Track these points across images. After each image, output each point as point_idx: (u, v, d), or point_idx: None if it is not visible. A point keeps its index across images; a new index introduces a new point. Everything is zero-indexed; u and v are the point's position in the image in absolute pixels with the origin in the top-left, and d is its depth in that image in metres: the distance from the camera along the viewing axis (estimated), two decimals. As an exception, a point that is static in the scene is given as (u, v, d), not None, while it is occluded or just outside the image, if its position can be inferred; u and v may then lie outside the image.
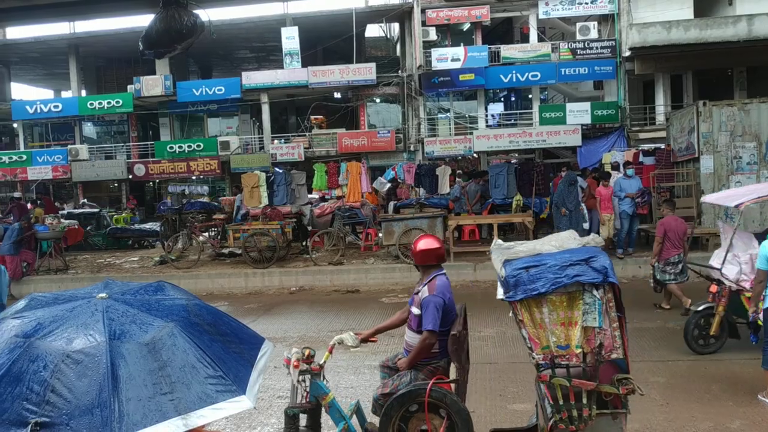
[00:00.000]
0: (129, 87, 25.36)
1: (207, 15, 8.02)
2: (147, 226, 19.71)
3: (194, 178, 26.00)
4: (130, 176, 25.49)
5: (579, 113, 22.41)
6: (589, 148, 21.72)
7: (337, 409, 4.27)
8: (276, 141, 25.19)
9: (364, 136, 24.16)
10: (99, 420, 2.14)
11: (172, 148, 25.39)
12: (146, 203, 27.43)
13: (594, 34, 22.56)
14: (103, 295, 2.63)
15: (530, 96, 25.15)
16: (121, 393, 2.20)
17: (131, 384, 2.24)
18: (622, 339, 3.80)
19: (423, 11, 23.13)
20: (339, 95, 26.43)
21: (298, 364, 4.18)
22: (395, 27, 28.63)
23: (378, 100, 26.45)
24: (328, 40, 25.00)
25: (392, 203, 16.61)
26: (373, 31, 30.03)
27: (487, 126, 24.41)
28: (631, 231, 13.08)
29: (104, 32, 26.17)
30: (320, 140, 24.68)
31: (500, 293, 3.96)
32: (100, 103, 25.55)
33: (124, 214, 21.64)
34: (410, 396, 4.10)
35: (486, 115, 24.75)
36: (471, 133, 23.29)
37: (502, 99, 27.64)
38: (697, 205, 13.12)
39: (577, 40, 22.62)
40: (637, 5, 21.81)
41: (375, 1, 26.01)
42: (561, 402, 3.84)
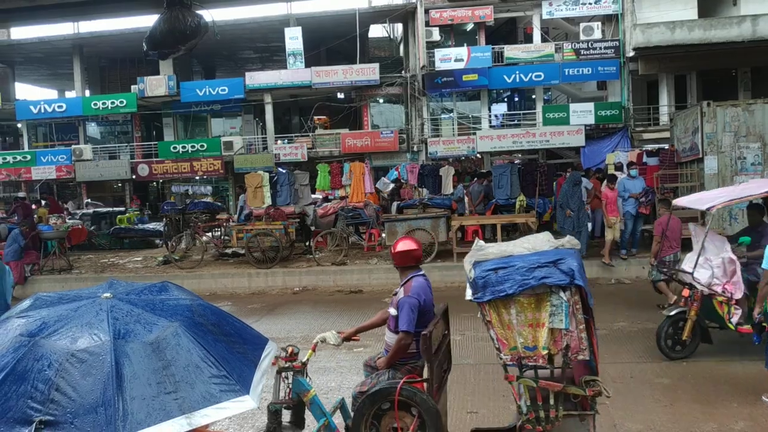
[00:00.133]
0: (133, 87, 25.37)
1: (211, 16, 8.01)
2: (150, 226, 19.73)
3: (198, 178, 26.02)
4: (134, 176, 25.53)
5: (582, 114, 22.36)
6: (593, 148, 21.64)
7: (318, 406, 4.38)
8: (279, 141, 25.21)
9: (367, 136, 24.16)
10: (103, 418, 2.15)
11: (175, 148, 25.42)
12: (150, 203, 27.46)
13: (598, 35, 22.51)
14: (108, 294, 2.64)
15: (533, 96, 25.09)
16: (125, 392, 2.21)
17: (135, 383, 2.25)
18: (590, 341, 3.81)
19: (426, 11, 23.11)
20: (342, 95, 26.42)
21: (275, 361, 4.31)
22: (398, 27, 28.60)
23: (381, 101, 26.43)
24: (331, 41, 24.99)
25: (395, 203, 16.61)
26: (376, 31, 30.03)
27: (491, 126, 24.37)
28: (634, 231, 13.06)
29: (108, 32, 26.24)
30: (323, 140, 24.69)
31: (468, 294, 3.98)
32: (104, 103, 25.58)
33: (131, 214, 21.65)
34: (381, 394, 4.15)
35: (489, 116, 24.71)
36: (474, 134, 23.26)
37: (506, 99, 27.60)
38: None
39: (580, 41, 22.57)
40: (641, 5, 21.75)
41: (378, 1, 26.04)
42: (528, 402, 3.88)
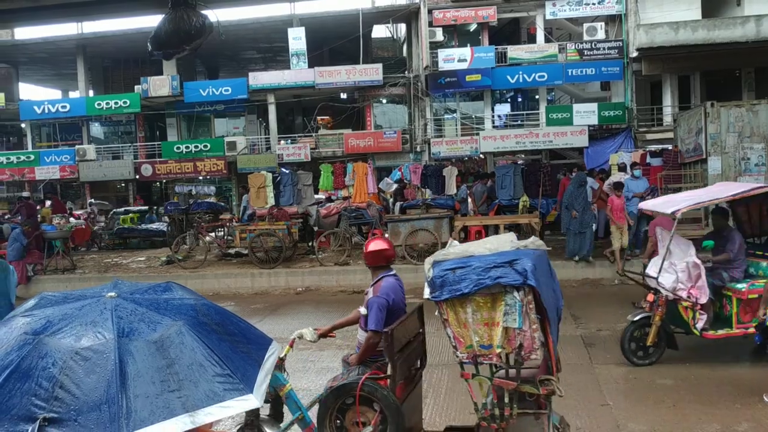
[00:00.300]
0: (136, 87, 25.42)
1: (216, 16, 8.03)
2: (154, 226, 19.78)
3: (201, 178, 26.06)
4: (137, 176, 25.58)
5: (586, 114, 22.33)
6: (596, 149, 21.62)
7: (294, 400, 4.51)
8: (282, 141, 25.23)
9: (370, 136, 24.16)
10: (107, 416, 2.15)
11: (179, 148, 25.46)
12: (153, 203, 27.50)
13: (601, 35, 22.49)
14: (112, 294, 2.65)
15: (537, 97, 25.09)
16: (128, 390, 2.21)
17: (139, 381, 2.25)
18: (546, 340, 3.85)
19: (430, 12, 23.11)
20: (345, 96, 26.41)
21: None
22: (402, 28, 28.59)
23: (384, 101, 26.42)
24: (334, 41, 25.00)
25: (399, 204, 16.61)
26: (379, 31, 29.99)
27: (494, 127, 24.35)
28: (638, 232, 13.02)
29: (112, 33, 26.28)
30: (326, 141, 24.71)
31: (426, 293, 4.03)
32: (107, 104, 25.63)
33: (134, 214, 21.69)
34: (345, 389, 4.23)
35: (492, 116, 24.69)
36: (477, 134, 23.23)
37: (509, 100, 27.55)
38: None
39: (584, 41, 22.54)
40: (644, 6, 21.72)
41: (382, 1, 26.07)
42: (484, 400, 3.95)
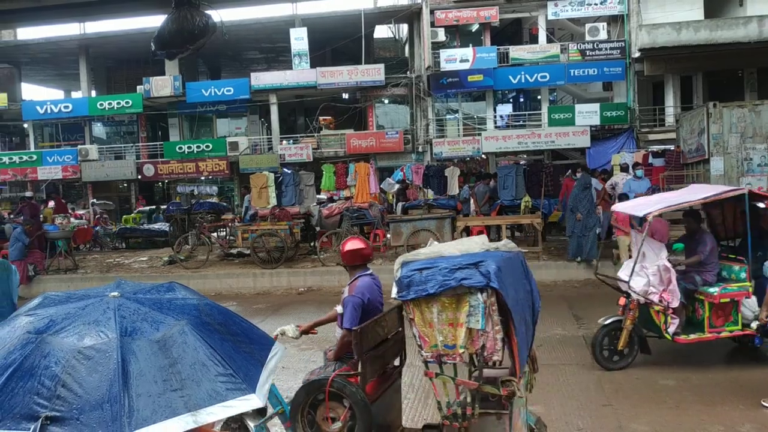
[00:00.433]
0: (138, 87, 25.45)
1: (219, 15, 8.03)
2: (156, 227, 19.79)
3: (203, 178, 26.09)
4: (140, 176, 25.60)
5: (588, 114, 22.31)
6: (598, 149, 21.59)
7: (275, 395, 4.54)
8: (284, 142, 25.22)
9: (372, 136, 24.16)
10: (109, 415, 2.15)
11: (181, 148, 25.47)
12: (155, 203, 27.51)
13: (603, 35, 22.45)
14: (115, 293, 2.65)
15: (539, 97, 25.06)
16: (131, 389, 2.21)
17: (141, 380, 2.25)
18: (510, 342, 3.88)
19: (432, 12, 23.09)
20: (347, 96, 26.43)
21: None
22: (404, 28, 28.61)
23: (386, 101, 26.42)
24: (336, 41, 25.01)
25: (400, 204, 16.59)
26: (381, 32, 30.00)
27: (496, 127, 24.33)
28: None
29: (114, 33, 26.33)
30: (328, 141, 24.71)
31: (394, 292, 4.09)
32: (109, 104, 25.66)
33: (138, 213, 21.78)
34: (315, 385, 4.27)
35: (494, 116, 24.69)
36: (479, 134, 23.21)
37: (511, 100, 27.53)
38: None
39: (586, 41, 22.52)
40: (646, 6, 21.69)
41: (384, 2, 26.06)
42: (447, 399, 3.98)
